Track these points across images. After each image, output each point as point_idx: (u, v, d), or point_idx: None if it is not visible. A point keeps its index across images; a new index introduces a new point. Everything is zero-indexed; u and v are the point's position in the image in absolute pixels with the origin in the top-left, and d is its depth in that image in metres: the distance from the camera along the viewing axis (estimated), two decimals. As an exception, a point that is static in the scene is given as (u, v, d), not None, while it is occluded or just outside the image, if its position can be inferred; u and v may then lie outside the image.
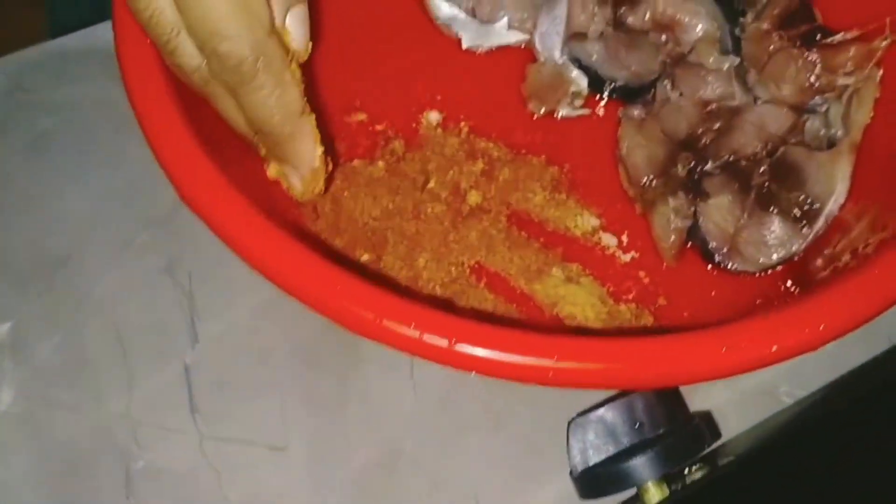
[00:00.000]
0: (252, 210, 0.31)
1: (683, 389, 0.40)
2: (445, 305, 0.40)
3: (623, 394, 0.37)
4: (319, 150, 0.33)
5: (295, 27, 0.33)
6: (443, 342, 0.29)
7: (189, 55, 0.31)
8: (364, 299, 0.30)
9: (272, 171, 0.34)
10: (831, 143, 0.43)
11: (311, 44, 0.34)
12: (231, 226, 0.30)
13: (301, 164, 0.33)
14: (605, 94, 0.46)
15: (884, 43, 0.41)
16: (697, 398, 0.41)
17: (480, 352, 0.29)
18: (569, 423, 0.37)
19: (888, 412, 0.42)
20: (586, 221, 0.44)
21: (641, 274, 0.43)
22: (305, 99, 0.33)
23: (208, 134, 0.34)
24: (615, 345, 0.29)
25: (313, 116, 0.33)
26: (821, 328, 0.30)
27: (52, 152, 0.46)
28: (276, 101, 0.31)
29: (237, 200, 0.31)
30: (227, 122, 0.33)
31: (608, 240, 0.44)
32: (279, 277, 0.30)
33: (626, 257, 0.43)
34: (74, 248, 0.43)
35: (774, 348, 0.31)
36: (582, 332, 0.39)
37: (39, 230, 0.44)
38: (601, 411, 0.37)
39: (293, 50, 0.33)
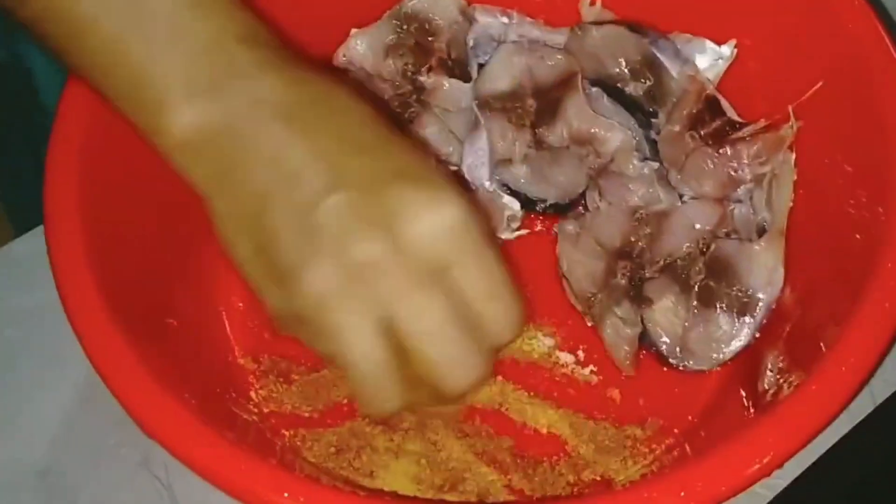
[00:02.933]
0: (215, 440, 0.32)
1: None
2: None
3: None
4: None
5: None
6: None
7: None
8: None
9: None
10: (761, 228, 0.44)
11: None
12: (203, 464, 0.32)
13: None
14: (539, 213, 0.48)
15: (791, 129, 0.43)
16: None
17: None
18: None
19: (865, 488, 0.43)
20: (542, 343, 0.45)
21: (602, 387, 0.44)
22: None
23: (153, 349, 0.35)
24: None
25: None
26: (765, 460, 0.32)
27: (22, 363, 0.46)
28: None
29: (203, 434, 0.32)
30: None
31: (565, 358, 0.45)
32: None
33: (586, 371, 0.44)
34: (54, 457, 0.44)
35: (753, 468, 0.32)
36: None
37: (19, 445, 0.44)
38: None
39: None
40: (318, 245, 0.31)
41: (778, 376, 0.40)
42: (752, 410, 0.40)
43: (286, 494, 0.31)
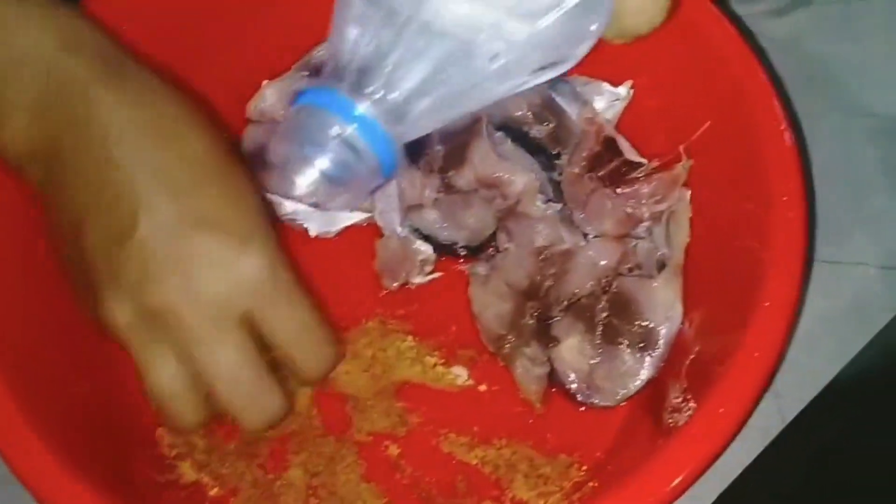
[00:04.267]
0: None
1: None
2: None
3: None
4: None
5: None
6: None
7: None
8: None
9: None
10: (661, 264, 0.46)
11: None
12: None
13: None
14: (454, 255, 0.49)
15: (684, 168, 0.44)
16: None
17: None
18: None
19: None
20: (457, 380, 0.46)
21: (514, 422, 0.45)
22: None
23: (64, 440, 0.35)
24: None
25: None
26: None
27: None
28: None
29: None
30: None
31: (478, 394, 0.46)
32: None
33: (498, 407, 0.45)
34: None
35: None
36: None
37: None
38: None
39: None
40: (118, 280, 0.32)
41: (680, 409, 0.42)
42: (658, 443, 0.42)
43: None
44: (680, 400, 0.42)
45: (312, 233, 0.50)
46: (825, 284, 0.48)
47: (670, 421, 0.41)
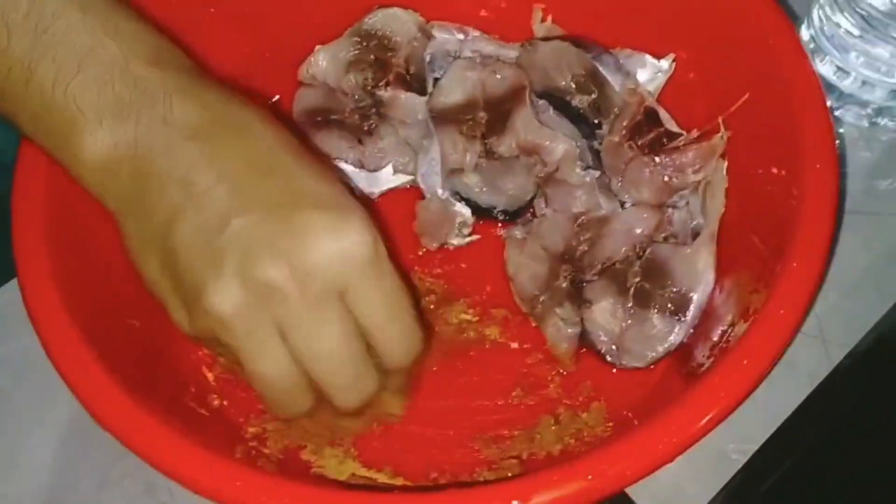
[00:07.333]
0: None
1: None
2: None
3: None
4: None
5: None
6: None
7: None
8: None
9: None
10: (696, 233, 0.47)
11: None
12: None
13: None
14: (496, 220, 0.51)
15: (722, 140, 0.45)
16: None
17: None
18: None
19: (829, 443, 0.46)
20: (490, 334, 0.48)
21: (543, 377, 0.46)
22: None
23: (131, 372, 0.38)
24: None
25: None
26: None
27: (13, 407, 0.47)
28: None
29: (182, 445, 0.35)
30: None
31: (512, 348, 0.47)
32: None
33: (528, 364, 0.47)
34: (54, 494, 0.45)
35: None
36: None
37: (14, 486, 0.45)
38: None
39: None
40: (222, 266, 0.32)
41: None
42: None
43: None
44: (707, 355, 0.42)
45: (356, 193, 0.52)
46: (865, 235, 0.50)
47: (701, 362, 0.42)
